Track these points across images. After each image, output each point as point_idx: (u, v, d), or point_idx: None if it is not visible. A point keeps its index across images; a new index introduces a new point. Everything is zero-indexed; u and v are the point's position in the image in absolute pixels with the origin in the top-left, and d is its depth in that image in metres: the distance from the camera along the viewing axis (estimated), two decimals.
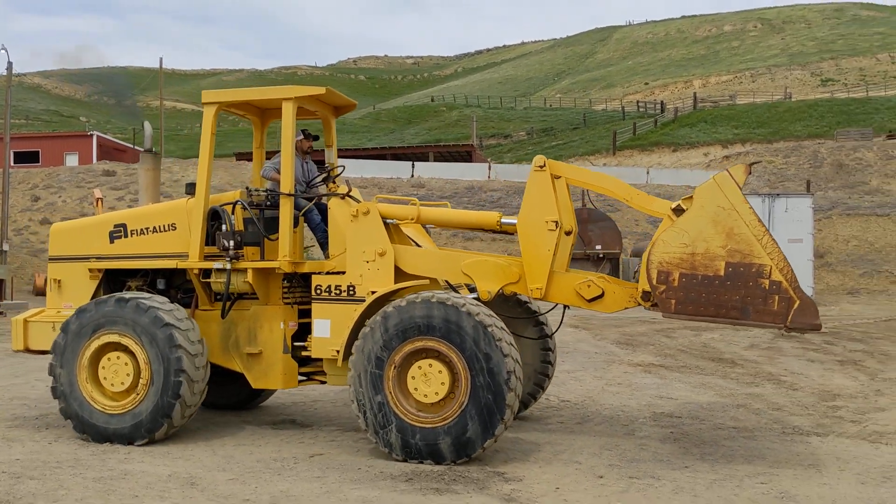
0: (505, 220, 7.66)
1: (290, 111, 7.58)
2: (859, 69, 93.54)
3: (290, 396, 9.78)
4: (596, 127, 71.03)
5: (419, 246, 7.77)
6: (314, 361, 7.72)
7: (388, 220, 7.58)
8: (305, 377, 7.94)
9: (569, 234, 7.23)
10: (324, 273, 7.56)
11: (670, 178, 41.47)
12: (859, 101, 66.14)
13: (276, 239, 7.63)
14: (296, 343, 7.71)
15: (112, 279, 8.25)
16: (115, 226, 8.07)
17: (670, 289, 6.64)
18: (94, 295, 8.06)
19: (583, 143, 64.05)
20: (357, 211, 7.45)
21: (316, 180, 8.37)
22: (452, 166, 43.49)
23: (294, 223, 7.69)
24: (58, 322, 7.81)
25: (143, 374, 7.27)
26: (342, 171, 8.50)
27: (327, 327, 7.37)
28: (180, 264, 7.78)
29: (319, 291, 7.47)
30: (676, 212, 6.79)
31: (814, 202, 27.46)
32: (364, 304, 7.16)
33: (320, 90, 7.76)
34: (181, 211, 7.88)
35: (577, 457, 7.01)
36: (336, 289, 7.42)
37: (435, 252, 7.81)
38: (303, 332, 7.75)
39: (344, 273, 7.44)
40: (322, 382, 7.87)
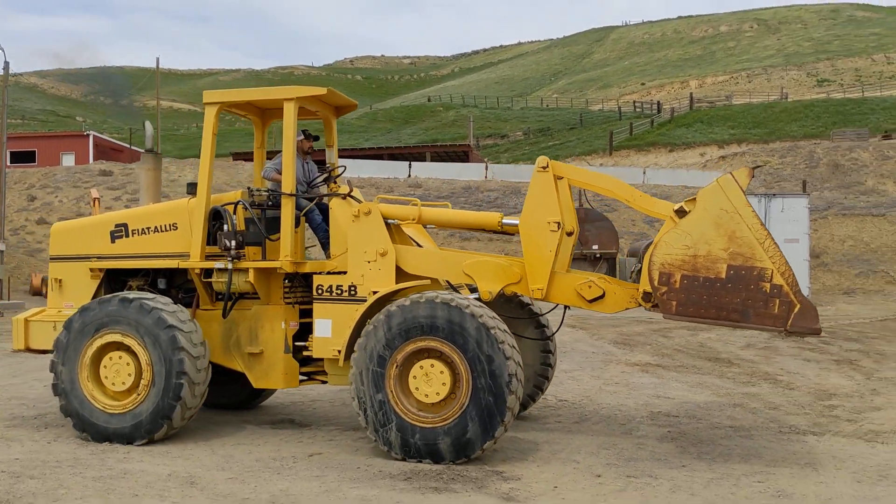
0: (506, 221, 7.67)
1: (291, 111, 7.60)
2: (855, 70, 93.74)
3: (288, 396, 9.79)
4: (592, 127, 71.09)
5: (420, 246, 7.79)
6: (315, 361, 7.74)
7: (389, 221, 7.59)
8: (306, 377, 7.95)
9: (570, 234, 7.24)
10: (325, 273, 7.57)
11: (667, 178, 41.49)
12: (855, 101, 66.29)
13: (277, 239, 7.65)
14: (297, 343, 7.72)
15: (113, 279, 8.24)
16: (117, 225, 8.07)
17: (672, 290, 6.66)
18: (95, 294, 8.06)
19: (579, 143, 64.10)
20: (359, 211, 7.46)
21: (317, 180, 8.39)
22: (449, 166, 43.45)
23: (295, 223, 7.70)
24: (59, 321, 7.82)
25: (145, 375, 7.28)
26: (343, 171, 8.52)
27: (328, 327, 7.38)
28: (182, 264, 7.78)
29: (321, 291, 7.48)
30: (679, 213, 6.81)
31: (810, 202, 27.54)
32: (365, 304, 7.17)
33: (322, 90, 7.77)
34: (182, 211, 7.88)
35: (574, 456, 7.04)
36: (337, 289, 7.43)
37: (436, 252, 7.83)
38: (304, 332, 7.77)
39: (345, 273, 7.45)
40: (323, 382, 7.88)
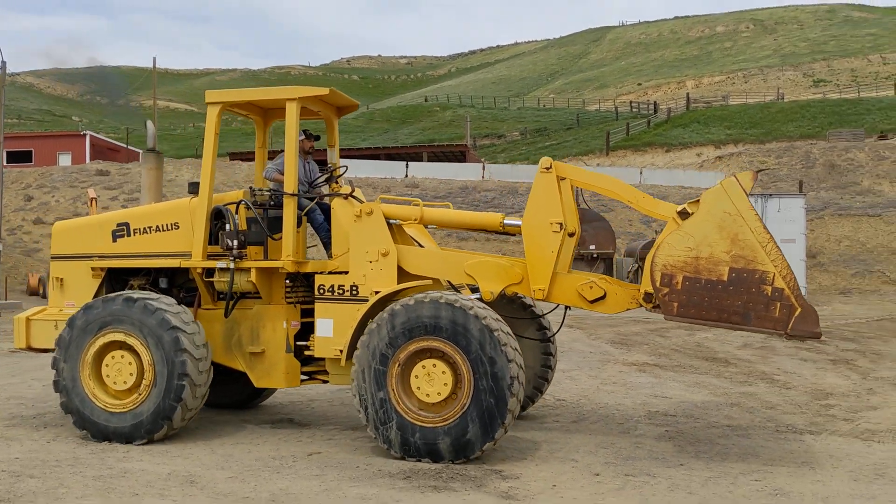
0: (508, 222, 7.68)
1: (293, 111, 7.61)
2: (851, 70, 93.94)
3: (287, 396, 9.81)
4: (589, 127, 71.16)
5: (422, 246, 7.81)
6: (316, 361, 7.75)
7: (391, 221, 7.60)
8: (307, 376, 7.95)
9: (572, 235, 7.25)
10: (327, 273, 7.58)
11: (663, 178, 41.58)
12: (851, 101, 66.47)
13: (279, 238, 7.66)
14: (298, 342, 7.73)
15: (114, 278, 8.25)
16: (118, 225, 8.06)
17: (673, 291, 6.67)
18: (96, 293, 8.06)
19: (576, 143, 64.17)
20: (361, 211, 7.47)
21: (318, 180, 8.41)
22: (446, 166, 43.49)
23: (297, 223, 7.72)
24: (60, 320, 7.83)
25: (147, 375, 7.29)
26: (345, 172, 8.54)
27: (330, 327, 7.39)
28: (184, 263, 7.78)
29: (322, 291, 7.49)
30: (681, 215, 6.83)
31: (806, 202, 27.61)
32: (367, 303, 7.19)
33: (324, 91, 7.78)
34: (184, 210, 7.89)
35: (573, 455, 7.06)
36: (339, 288, 7.43)
37: (438, 252, 7.84)
38: (305, 332, 7.78)
39: (347, 273, 7.46)
40: (324, 382, 7.88)
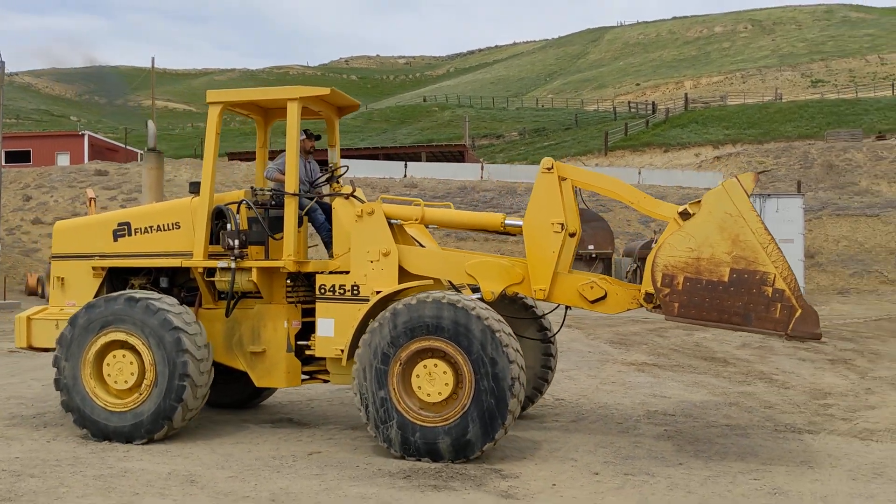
0: (509, 222, 7.69)
1: (295, 111, 7.61)
2: (849, 70, 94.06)
3: (287, 395, 9.82)
4: (588, 127, 71.22)
5: (423, 246, 7.82)
6: (317, 360, 7.76)
7: (392, 221, 7.61)
8: (308, 376, 7.95)
9: (573, 235, 7.25)
10: (328, 273, 7.59)
11: (662, 178, 41.64)
12: (849, 102, 66.57)
13: (280, 238, 7.67)
14: (299, 342, 7.74)
15: (115, 277, 8.25)
16: (120, 224, 8.07)
17: (674, 292, 6.68)
18: (97, 293, 8.06)
19: (575, 143, 64.22)
20: (362, 211, 7.48)
21: (319, 180, 8.42)
22: (445, 166, 43.52)
23: (298, 223, 7.73)
24: (61, 320, 7.83)
25: (148, 375, 7.29)
26: (346, 171, 8.55)
27: (331, 326, 7.39)
28: (185, 263, 7.78)
29: (323, 291, 7.50)
30: (683, 216, 6.84)
31: (804, 203, 27.67)
32: (368, 303, 7.20)
33: (325, 91, 7.79)
34: (185, 210, 7.89)
35: (572, 454, 7.08)
36: (340, 288, 7.44)
37: (438, 252, 7.85)
38: (306, 331, 7.79)
39: (348, 273, 7.46)
40: (325, 381, 7.89)
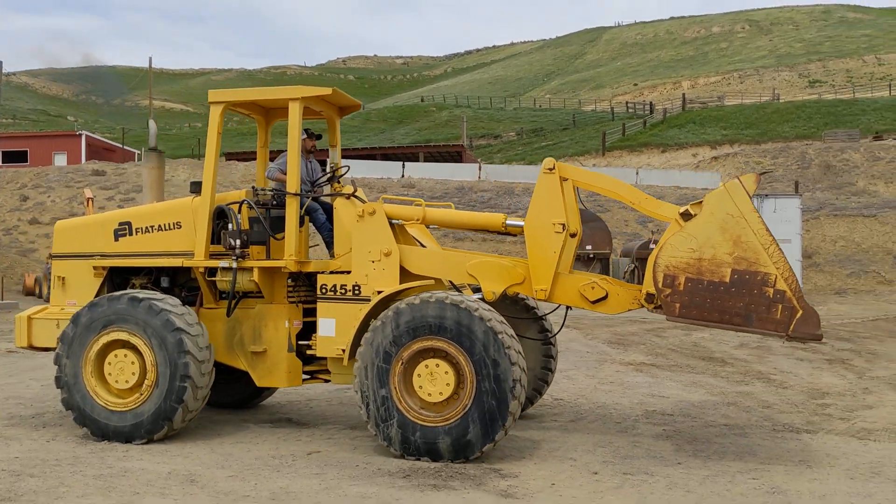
0: (510, 222, 7.70)
1: (296, 111, 7.62)
2: (846, 71, 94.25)
3: (286, 396, 9.82)
4: (585, 127, 71.28)
5: (424, 246, 7.83)
6: (318, 360, 7.76)
7: (393, 221, 7.62)
8: (309, 376, 7.96)
9: (574, 236, 7.26)
10: (329, 272, 7.59)
11: (659, 178, 41.68)
12: (846, 102, 66.68)
13: (281, 238, 7.68)
14: (300, 342, 7.75)
15: (116, 277, 8.25)
16: (121, 223, 8.06)
17: (676, 293, 6.69)
18: (98, 292, 8.06)
19: (572, 143, 64.25)
20: (363, 211, 7.48)
21: (321, 180, 8.43)
22: (442, 166, 43.54)
23: (299, 222, 7.73)
24: (62, 319, 7.83)
25: (149, 376, 7.29)
26: (347, 171, 8.56)
27: (332, 326, 7.39)
28: (186, 263, 7.78)
29: (325, 291, 7.50)
30: (684, 216, 6.85)
31: (802, 203, 27.72)
32: (369, 303, 7.21)
33: (327, 91, 7.79)
34: (186, 209, 7.89)
35: (571, 453, 7.09)
36: (341, 288, 7.44)
37: (440, 252, 7.85)
38: (307, 331, 7.79)
39: (349, 273, 7.46)
40: (326, 381, 7.89)
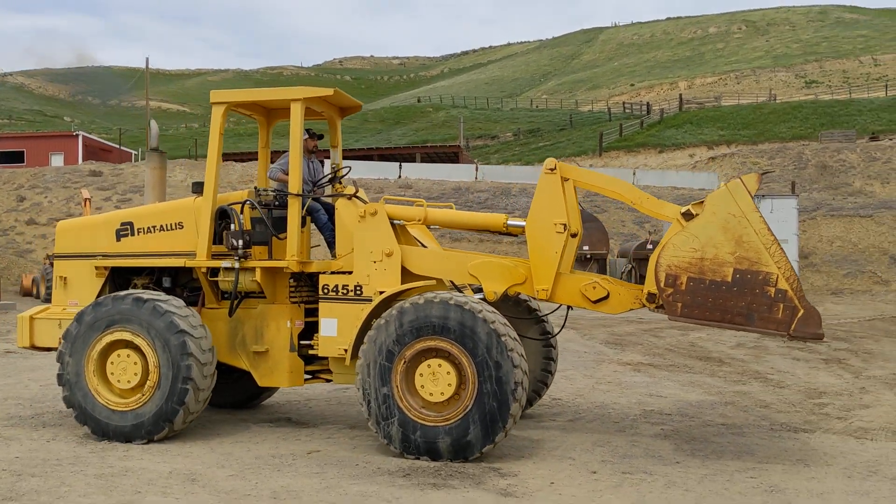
0: (511, 223, 7.73)
1: (298, 112, 7.63)
2: (843, 71, 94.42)
3: (286, 396, 9.84)
4: (582, 128, 71.33)
5: (425, 247, 7.86)
6: (320, 360, 7.78)
7: (394, 221, 7.64)
8: (311, 376, 7.97)
9: (575, 236, 7.28)
10: (331, 273, 7.61)
11: (656, 179, 41.75)
12: (843, 102, 66.80)
13: (284, 238, 7.71)
14: (302, 342, 7.77)
15: (118, 277, 8.26)
16: (122, 224, 8.07)
17: (677, 292, 6.72)
18: (100, 293, 8.07)
19: (569, 144, 64.31)
20: (365, 212, 7.50)
21: (322, 180, 8.46)
22: (439, 167, 43.59)
23: (301, 223, 7.74)
24: (64, 319, 7.85)
25: (151, 377, 7.30)
26: (348, 172, 8.58)
27: (334, 326, 7.42)
28: (188, 263, 7.79)
29: (327, 291, 7.52)
30: (685, 216, 6.88)
31: (798, 203, 27.81)
32: (371, 303, 7.24)
33: (329, 91, 7.80)
34: (188, 210, 7.90)
35: (570, 453, 7.12)
36: (343, 288, 7.46)
37: (441, 253, 7.87)
38: (309, 331, 7.81)
39: (351, 273, 7.48)
40: (328, 381, 7.91)
